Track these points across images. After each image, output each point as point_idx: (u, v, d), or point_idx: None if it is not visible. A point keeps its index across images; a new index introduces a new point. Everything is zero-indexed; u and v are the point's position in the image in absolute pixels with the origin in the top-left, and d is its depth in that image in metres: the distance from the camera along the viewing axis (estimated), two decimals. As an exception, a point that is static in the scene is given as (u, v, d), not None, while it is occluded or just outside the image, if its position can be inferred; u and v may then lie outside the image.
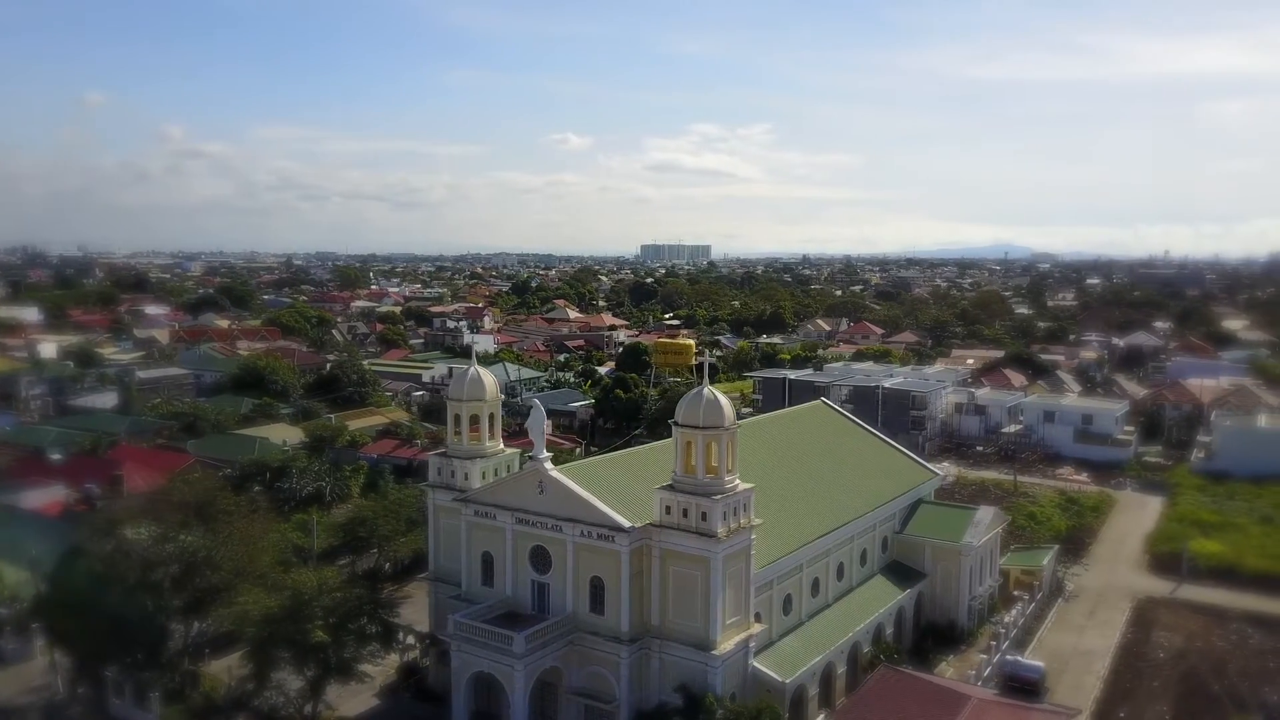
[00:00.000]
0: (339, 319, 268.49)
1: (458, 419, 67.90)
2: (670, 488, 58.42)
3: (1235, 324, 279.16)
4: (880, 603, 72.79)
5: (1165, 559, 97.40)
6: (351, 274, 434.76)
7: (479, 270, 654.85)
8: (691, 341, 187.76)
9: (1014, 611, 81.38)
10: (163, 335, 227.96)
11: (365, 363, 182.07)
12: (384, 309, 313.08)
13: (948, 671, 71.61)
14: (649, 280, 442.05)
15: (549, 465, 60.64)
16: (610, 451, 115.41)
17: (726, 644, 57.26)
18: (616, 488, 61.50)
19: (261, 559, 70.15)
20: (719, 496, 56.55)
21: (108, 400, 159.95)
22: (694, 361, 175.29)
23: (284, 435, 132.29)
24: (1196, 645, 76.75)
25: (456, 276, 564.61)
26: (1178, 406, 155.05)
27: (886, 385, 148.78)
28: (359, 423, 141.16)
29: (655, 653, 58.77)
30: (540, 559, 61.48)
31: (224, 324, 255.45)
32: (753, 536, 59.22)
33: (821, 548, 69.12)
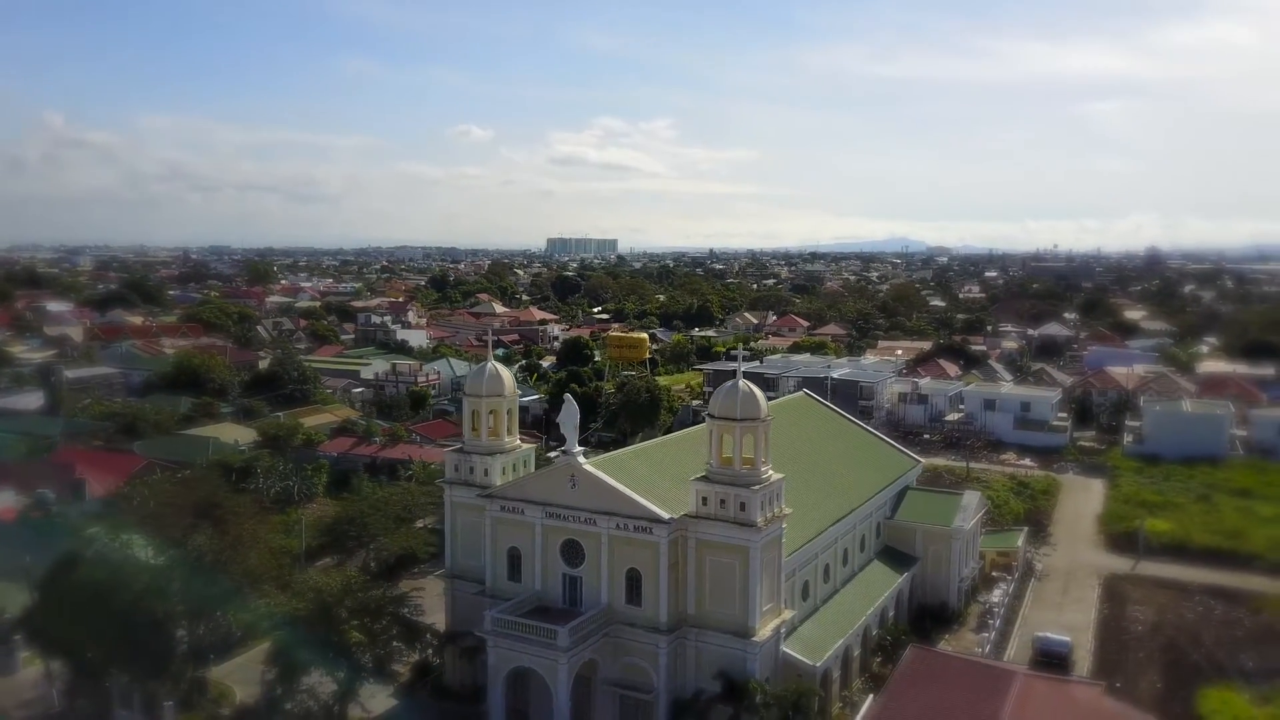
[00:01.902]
0: (260, 315, 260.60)
1: (476, 415, 67.47)
2: (705, 479, 59.33)
3: (1135, 314, 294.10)
4: (883, 586, 75.20)
5: (1119, 538, 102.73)
6: (261, 269, 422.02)
7: (386, 264, 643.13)
8: (645, 336, 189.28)
9: (998, 591, 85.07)
10: (75, 333, 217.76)
11: (300, 359, 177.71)
12: (302, 304, 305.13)
13: (947, 650, 74.47)
14: (570, 274, 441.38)
15: (583, 459, 60.86)
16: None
17: (764, 630, 58.60)
18: (642, 480, 62.07)
19: (271, 561, 68.65)
20: (757, 487, 57.75)
21: (30, 401, 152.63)
22: (648, 355, 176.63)
23: (235, 435, 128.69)
24: (1169, 618, 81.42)
25: (365, 270, 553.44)
26: (1103, 393, 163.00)
27: (835, 376, 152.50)
28: (309, 421, 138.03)
29: (692, 642, 59.69)
30: (572, 553, 61.66)
31: (137, 320, 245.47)
32: (784, 525, 60.63)
33: (833, 535, 71.05)
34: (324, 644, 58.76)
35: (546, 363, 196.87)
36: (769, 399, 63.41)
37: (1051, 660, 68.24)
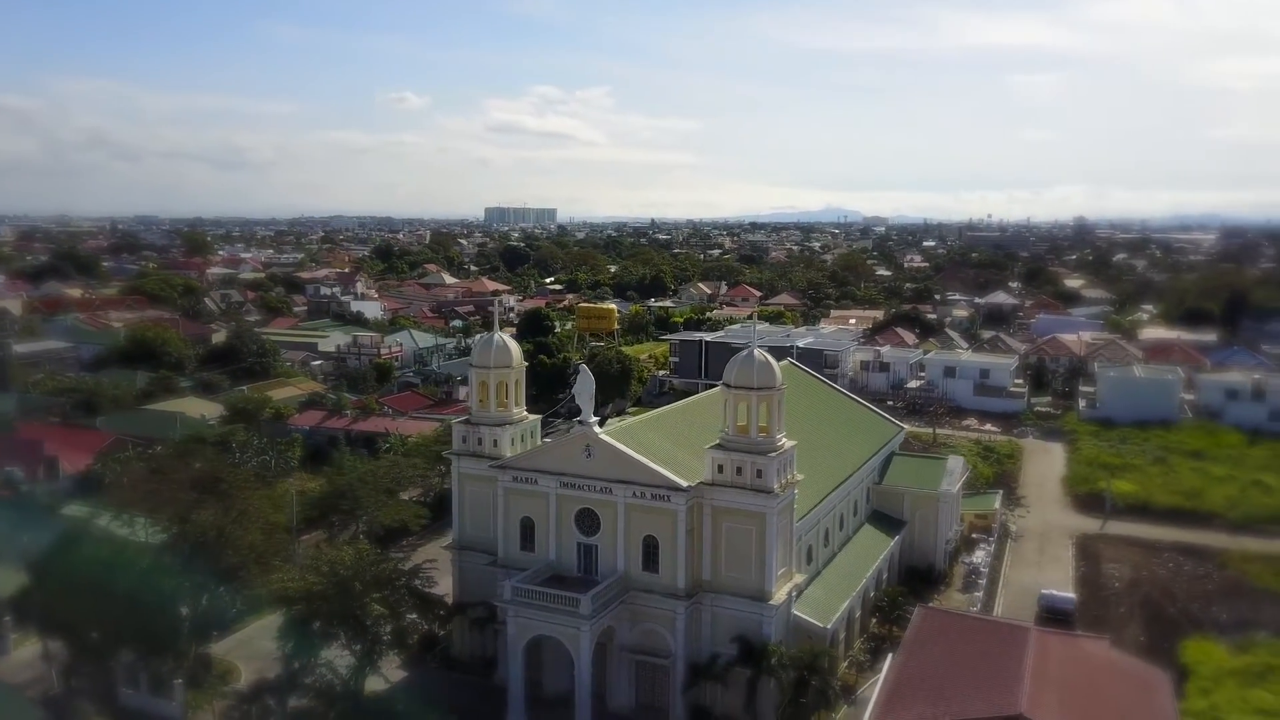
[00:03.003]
0: (205, 287, 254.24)
1: (485, 386, 67.38)
2: (721, 447, 60.16)
3: (1074, 283, 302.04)
4: (877, 549, 77.13)
5: (1085, 498, 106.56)
6: (198, 239, 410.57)
7: (324, 234, 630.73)
8: (613, 307, 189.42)
9: (979, 552, 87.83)
10: (13, 306, 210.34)
11: (257, 332, 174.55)
12: (245, 276, 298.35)
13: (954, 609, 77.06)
14: (518, 244, 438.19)
15: (598, 429, 61.24)
16: (546, 416, 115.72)
17: (779, 594, 59.90)
18: (654, 448, 62.72)
19: (273, 536, 68.04)
20: (774, 454, 58.82)
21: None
22: (616, 326, 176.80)
23: (201, 410, 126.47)
24: (1143, 575, 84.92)
25: (304, 240, 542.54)
26: (1055, 359, 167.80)
27: (801, 345, 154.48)
28: (274, 394, 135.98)
29: (707, 606, 60.75)
30: (587, 521, 62.19)
31: (76, 293, 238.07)
32: (795, 491, 61.85)
33: (833, 500, 72.60)
34: (342, 617, 58.58)
35: (506, 334, 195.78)
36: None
37: (1056, 615, 70.92)
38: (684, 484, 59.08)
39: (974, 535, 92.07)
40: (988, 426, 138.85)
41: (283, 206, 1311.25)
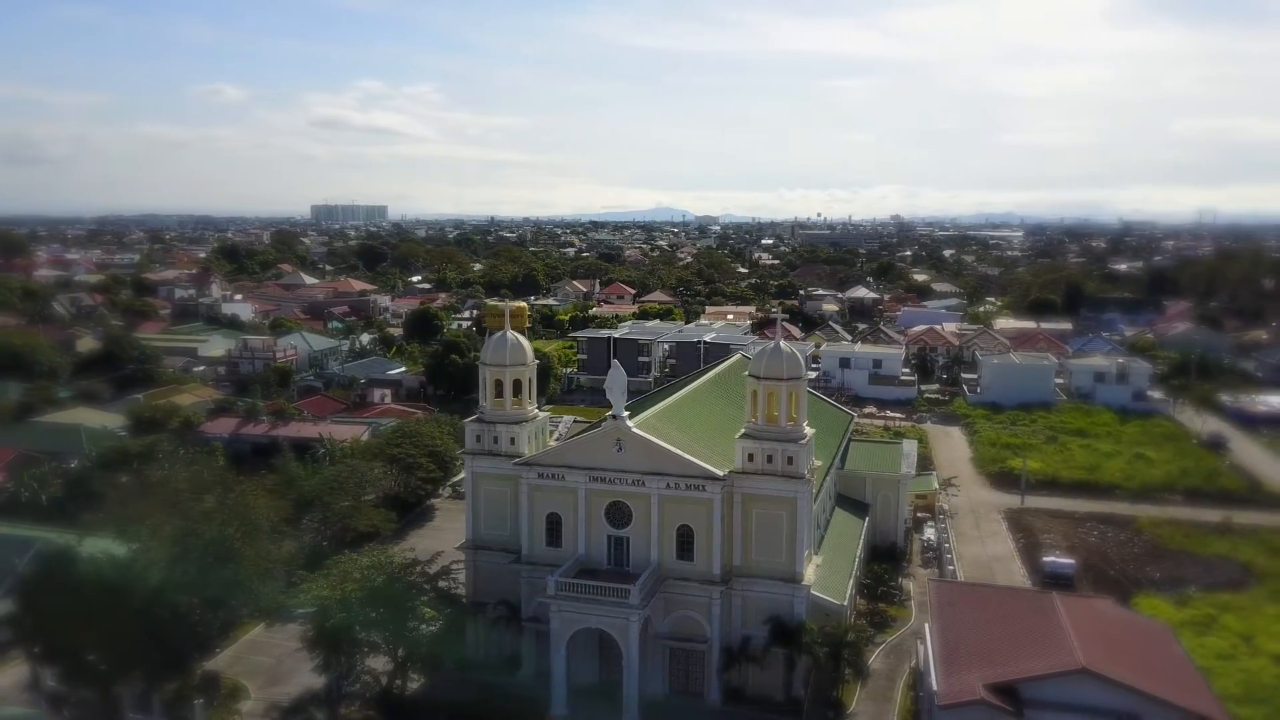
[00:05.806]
0: (44, 290, 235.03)
1: (499, 384, 66.99)
2: (749, 436, 62.32)
3: (920, 277, 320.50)
4: (856, 530, 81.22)
5: (996, 476, 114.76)
6: (14, 240, 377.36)
7: (147, 233, 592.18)
8: (525, 304, 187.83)
9: (929, 530, 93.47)
10: None
11: (136, 337, 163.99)
12: (81, 278, 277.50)
13: (909, 584, 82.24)
14: (375, 242, 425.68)
15: (630, 423, 62.23)
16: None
17: (808, 574, 62.67)
18: (675, 440, 64.19)
19: (284, 546, 65.55)
20: (803, 441, 61.49)
21: None
22: (527, 325, 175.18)
23: (98, 420, 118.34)
24: (1074, 543, 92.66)
25: (126, 240, 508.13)
26: (935, 349, 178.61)
27: (708, 339, 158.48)
28: (170, 402, 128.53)
29: (739, 591, 62.81)
30: (618, 514, 63.10)
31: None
32: (814, 476, 64.73)
33: (825, 486, 76.01)
34: (381, 623, 57.41)
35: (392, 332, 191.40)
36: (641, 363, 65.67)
37: (1059, 581, 76.67)
38: (720, 473, 60.94)
39: (919, 515, 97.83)
40: (888, 413, 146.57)
41: (85, 204, 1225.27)
